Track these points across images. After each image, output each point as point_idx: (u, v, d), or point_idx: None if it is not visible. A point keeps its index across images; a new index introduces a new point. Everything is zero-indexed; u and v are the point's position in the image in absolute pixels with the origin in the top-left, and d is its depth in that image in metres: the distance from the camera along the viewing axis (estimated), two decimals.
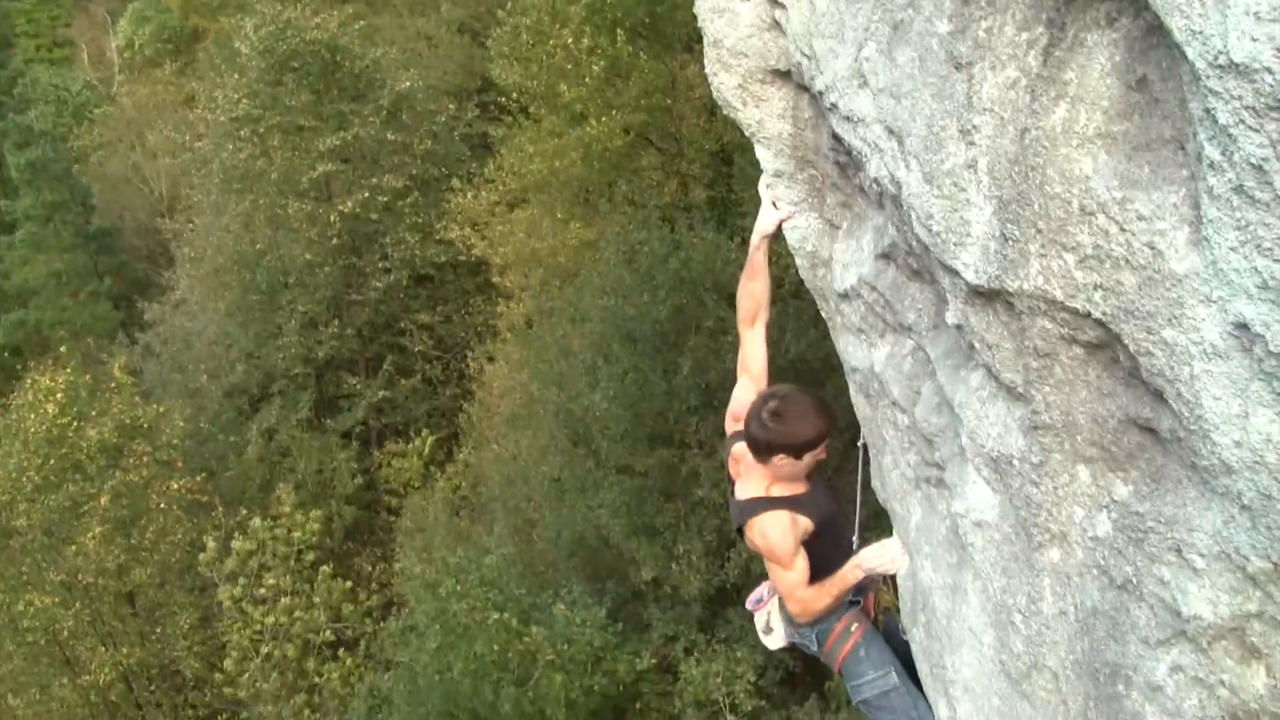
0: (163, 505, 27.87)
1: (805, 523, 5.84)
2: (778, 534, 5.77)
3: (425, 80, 35.43)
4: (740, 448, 6.03)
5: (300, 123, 31.90)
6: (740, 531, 6.03)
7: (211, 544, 26.75)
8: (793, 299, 19.52)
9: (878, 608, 6.34)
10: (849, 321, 5.65)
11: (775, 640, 6.47)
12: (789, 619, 6.26)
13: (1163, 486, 3.49)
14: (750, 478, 5.93)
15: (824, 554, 5.94)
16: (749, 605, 6.56)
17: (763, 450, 5.72)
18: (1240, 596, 3.27)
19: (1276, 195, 2.72)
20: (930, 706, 5.98)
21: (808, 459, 5.74)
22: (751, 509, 5.85)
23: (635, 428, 20.63)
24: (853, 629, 6.19)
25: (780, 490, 5.83)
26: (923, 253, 4.38)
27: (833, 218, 5.68)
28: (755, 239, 6.19)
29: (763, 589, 6.53)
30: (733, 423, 6.21)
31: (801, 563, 5.84)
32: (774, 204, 6.05)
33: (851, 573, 5.86)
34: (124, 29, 58.16)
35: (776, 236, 6.17)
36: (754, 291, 6.30)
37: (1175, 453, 3.39)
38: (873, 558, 5.77)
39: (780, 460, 5.72)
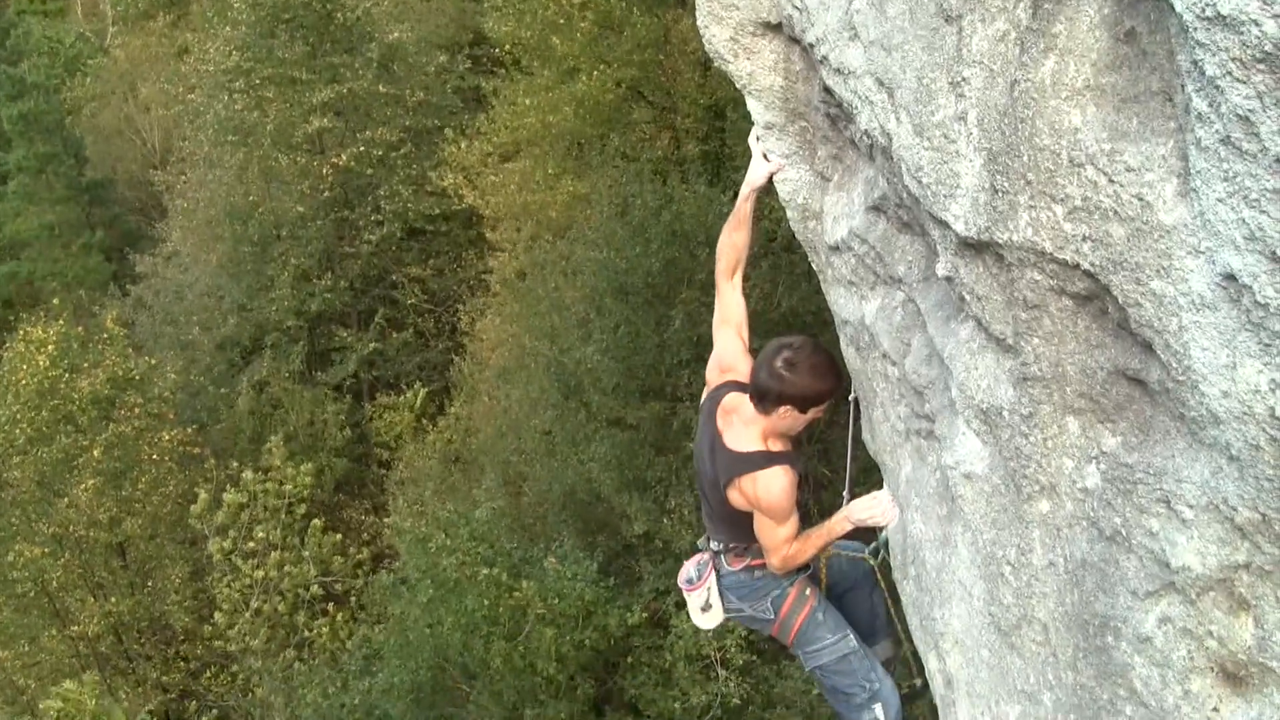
0: (154, 457, 27.84)
1: (796, 480, 5.77)
2: (780, 490, 5.67)
3: (417, 33, 35.25)
4: (734, 399, 5.90)
5: (293, 75, 31.73)
6: (723, 486, 5.87)
7: (203, 496, 26.78)
8: (785, 253, 19.49)
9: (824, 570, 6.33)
10: (840, 274, 5.65)
11: (712, 619, 6.39)
12: (744, 587, 6.23)
13: (1151, 438, 3.50)
14: (745, 430, 5.79)
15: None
16: (681, 585, 6.43)
17: (769, 400, 5.58)
18: (1228, 547, 3.28)
19: (1263, 147, 2.72)
20: (886, 671, 6.04)
21: (811, 414, 5.65)
22: (752, 461, 5.72)
23: (627, 381, 20.61)
24: (807, 593, 6.21)
25: (776, 445, 5.74)
26: (913, 205, 4.38)
27: (824, 170, 5.67)
28: (745, 190, 6.11)
29: (690, 568, 6.40)
30: (719, 373, 6.09)
31: (795, 518, 5.80)
32: (765, 156, 6.02)
33: (840, 524, 5.86)
34: None
35: (767, 190, 6.14)
36: (737, 243, 6.17)
37: (1164, 404, 3.40)
38: (863, 510, 5.77)
39: (784, 412, 5.59)
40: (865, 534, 6.07)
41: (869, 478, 6.51)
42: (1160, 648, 3.58)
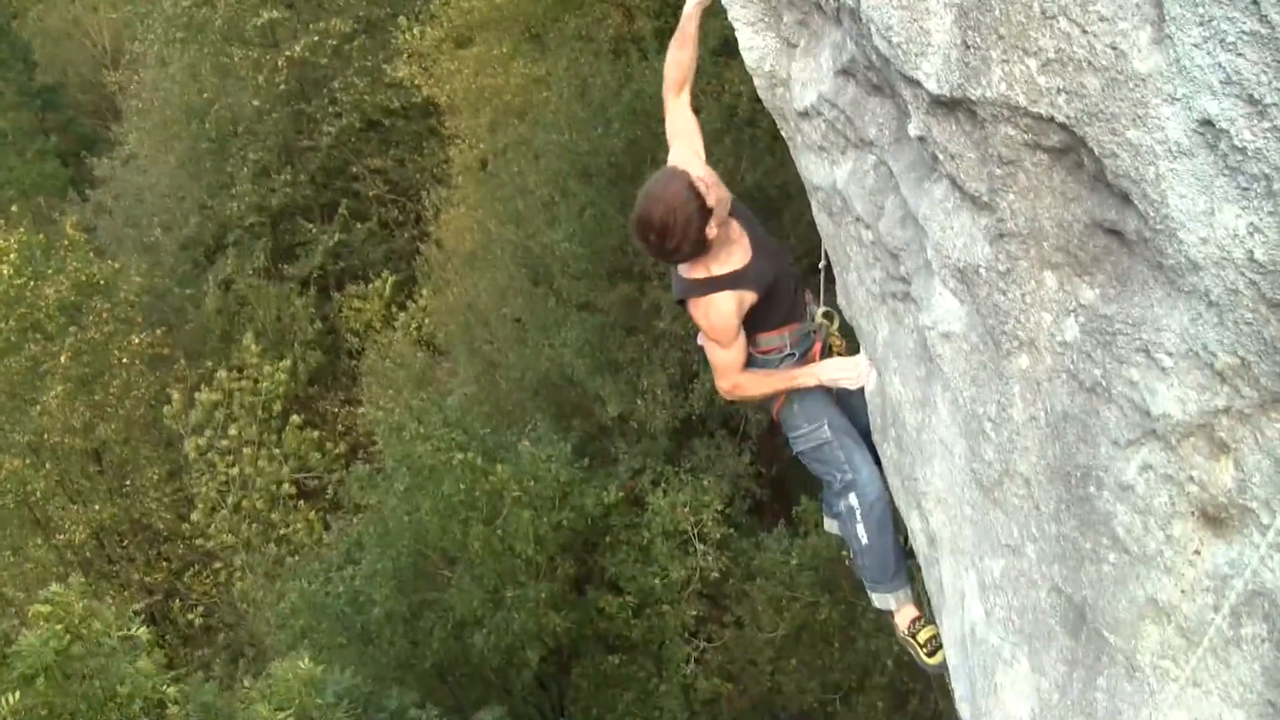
0: (124, 361, 27.71)
1: (750, 297, 5.80)
2: (721, 316, 5.76)
3: None
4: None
5: None
6: (682, 303, 5.99)
7: (177, 396, 26.74)
8: (748, 127, 19.39)
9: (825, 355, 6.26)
10: (809, 140, 5.62)
11: None
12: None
13: (1129, 288, 3.52)
14: (712, 258, 5.79)
15: (766, 312, 5.96)
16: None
17: (702, 246, 5.59)
18: (1208, 393, 3.31)
19: None
20: (869, 460, 6.06)
21: (711, 200, 5.53)
22: (695, 288, 5.80)
23: (595, 264, 20.56)
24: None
25: (722, 267, 5.76)
26: (883, 66, 4.35)
27: (790, 36, 5.61)
28: (688, 7, 6.13)
29: None
30: None
31: (740, 343, 5.86)
32: None
33: (805, 377, 5.96)
34: None
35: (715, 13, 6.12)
36: (682, 60, 6.17)
37: (1141, 254, 3.41)
38: (833, 369, 5.87)
39: (711, 230, 5.56)
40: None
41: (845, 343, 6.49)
42: (1142, 495, 3.63)
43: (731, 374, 5.93)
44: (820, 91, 5.25)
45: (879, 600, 6.39)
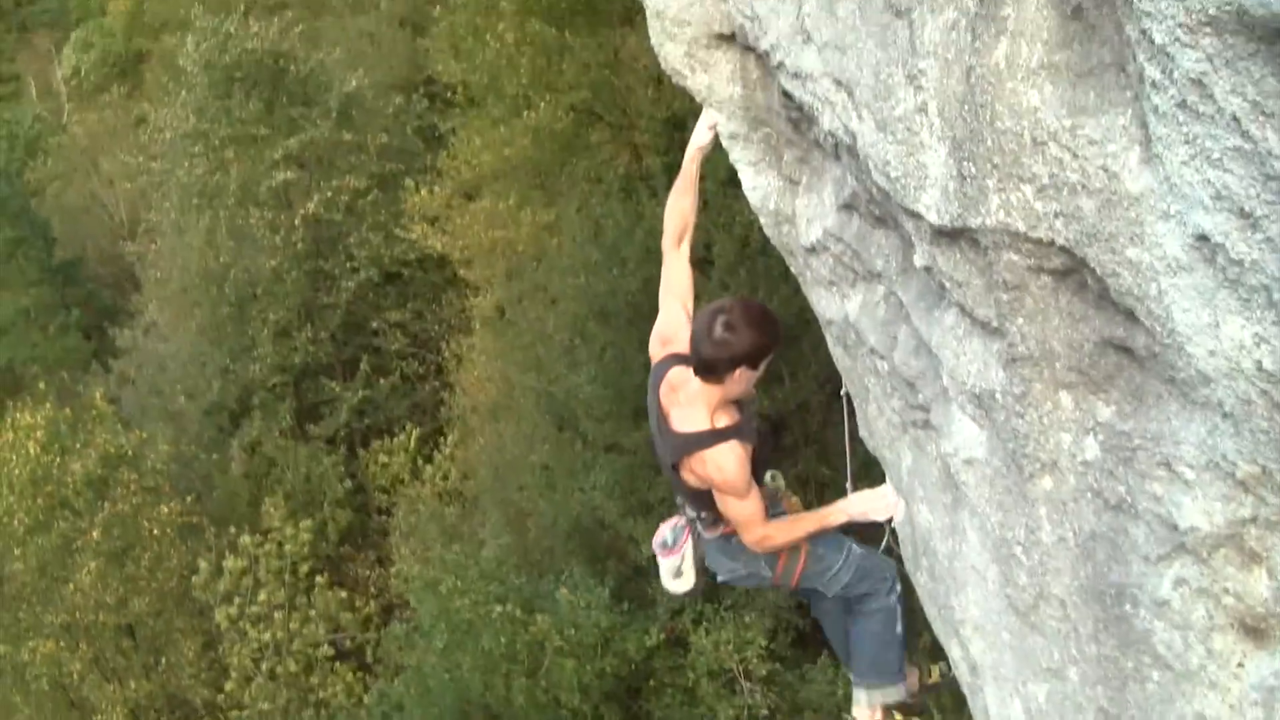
0: (155, 532, 27.67)
1: (749, 451, 5.57)
2: (734, 466, 5.45)
3: (372, 78, 35.23)
4: (678, 374, 5.66)
5: (252, 132, 31.70)
6: (674, 467, 5.67)
7: (204, 565, 26.64)
8: (761, 257, 19.51)
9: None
10: (819, 275, 5.67)
11: (683, 584, 6.20)
12: (730, 549, 5.99)
13: (1145, 404, 3.53)
14: (691, 407, 5.54)
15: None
16: (656, 550, 6.25)
17: (722, 367, 5.32)
18: (1233, 503, 3.30)
19: (1219, 107, 2.76)
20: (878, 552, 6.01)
21: (762, 369, 5.42)
22: (700, 441, 5.49)
23: (619, 405, 20.57)
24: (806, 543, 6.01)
25: (723, 419, 5.51)
26: (884, 199, 4.41)
27: (791, 174, 5.70)
28: (690, 151, 6.06)
29: (665, 532, 6.24)
30: (661, 345, 5.90)
31: (756, 492, 5.61)
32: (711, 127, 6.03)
33: (835, 515, 5.76)
34: (68, 58, 57.85)
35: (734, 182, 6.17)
36: (683, 208, 6.03)
37: (1153, 369, 3.43)
38: (862, 503, 5.70)
39: (739, 375, 5.34)
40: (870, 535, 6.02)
41: (870, 472, 6.46)
42: (1179, 610, 3.60)
43: (758, 524, 5.60)
44: (825, 227, 5.32)
45: (891, 694, 6.31)
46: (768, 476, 6.12)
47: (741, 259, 19.65)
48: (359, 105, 33.71)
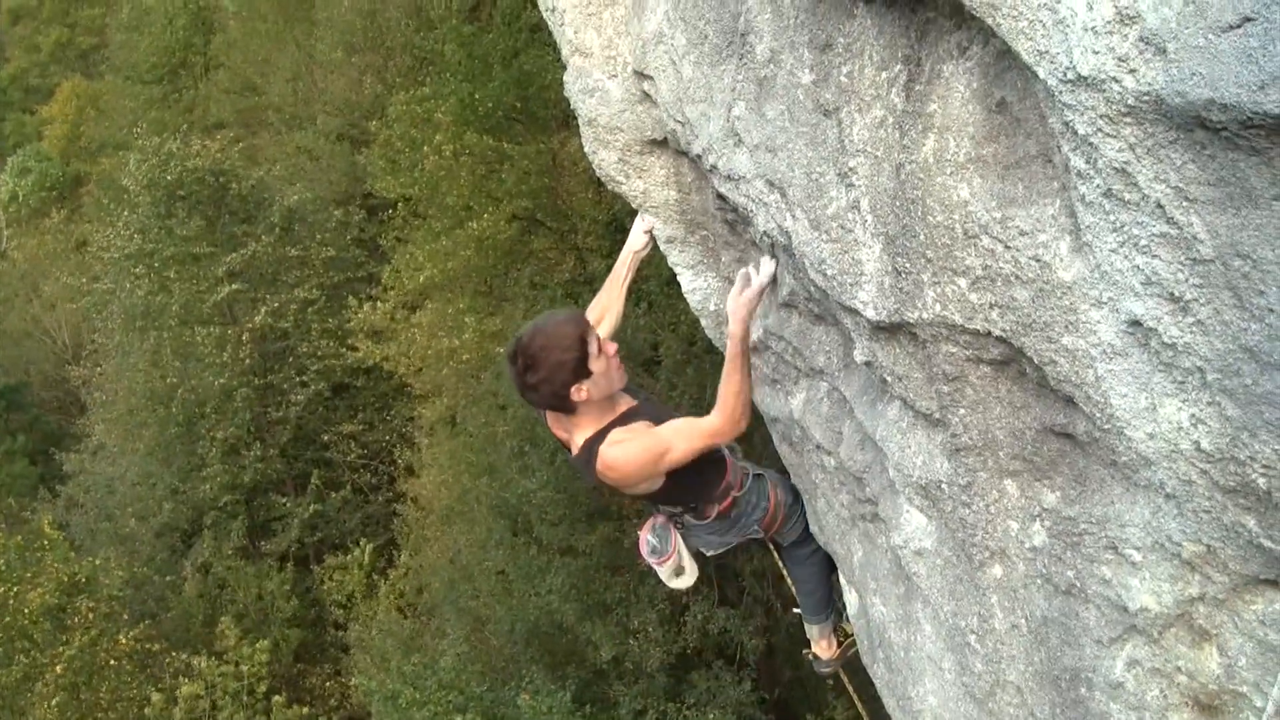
0: (112, 662, 27.11)
1: (642, 425, 5.39)
2: (630, 446, 5.27)
3: (313, 192, 35.31)
4: (554, 415, 5.56)
5: (194, 251, 31.66)
6: (598, 489, 5.57)
7: (156, 697, 26.10)
8: (707, 354, 19.60)
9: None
10: (762, 373, 5.70)
11: (688, 579, 6.12)
12: (721, 527, 5.97)
13: (1088, 488, 3.56)
14: (578, 429, 5.40)
15: (698, 478, 5.61)
16: (649, 560, 6.06)
17: (559, 398, 5.21)
18: (1181, 583, 3.33)
19: (1144, 195, 2.81)
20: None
21: (597, 368, 5.20)
22: (590, 450, 5.32)
23: (572, 508, 20.53)
24: (779, 494, 6.10)
25: (610, 417, 5.36)
26: (822, 297, 4.45)
27: (730, 275, 5.73)
28: (624, 255, 6.06)
29: (649, 538, 6.04)
30: None
31: (670, 422, 5.39)
32: (647, 231, 6.06)
33: (736, 327, 5.18)
34: (5, 183, 57.66)
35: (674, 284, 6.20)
36: (604, 303, 6.04)
37: (1094, 453, 3.46)
38: (737, 294, 5.21)
39: (579, 390, 5.17)
40: None
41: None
42: (1133, 691, 3.61)
43: (720, 427, 5.23)
44: (766, 325, 5.35)
45: (821, 630, 6.87)
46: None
47: (689, 357, 19.74)
48: (300, 220, 33.75)
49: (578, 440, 5.41)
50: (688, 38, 5.09)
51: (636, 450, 5.26)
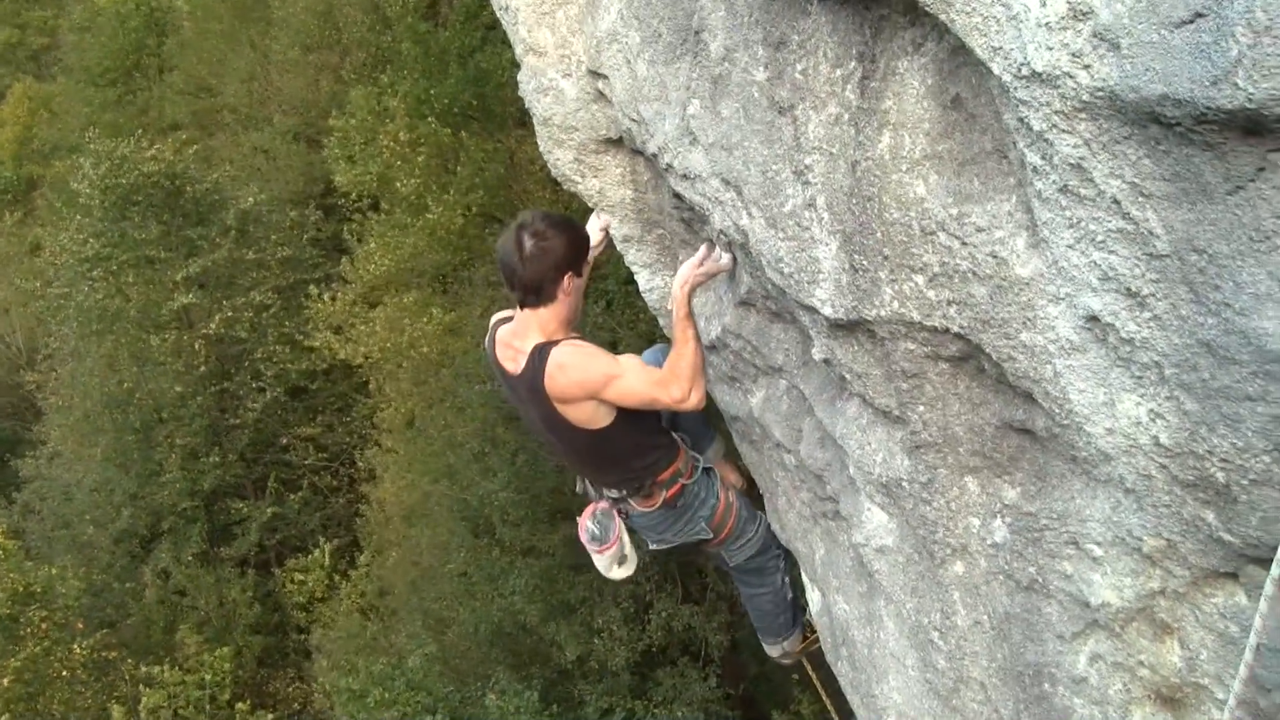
0: (64, 673, 26.74)
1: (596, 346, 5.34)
2: (582, 355, 5.17)
3: (269, 193, 35.08)
4: (505, 331, 5.45)
5: (150, 254, 31.41)
6: (550, 415, 5.28)
7: (117, 711, 25.79)
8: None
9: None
10: (720, 372, 5.68)
11: (627, 569, 6.06)
12: (663, 523, 5.91)
13: (1049, 484, 3.55)
14: (538, 329, 5.23)
15: (637, 428, 5.49)
16: (590, 547, 5.94)
17: (547, 280, 5.07)
18: (1141, 577, 3.33)
19: (1099, 190, 2.80)
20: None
21: (586, 272, 5.26)
22: (541, 354, 5.18)
23: (534, 508, 20.48)
24: (731, 498, 6.07)
25: (563, 335, 5.26)
26: (779, 295, 4.43)
27: None
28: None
29: (589, 525, 5.90)
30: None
31: (626, 356, 5.32)
32: (603, 229, 6.04)
33: (677, 290, 5.16)
34: None
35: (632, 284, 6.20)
36: None
37: (1054, 449, 3.45)
38: (689, 269, 5.17)
39: (568, 283, 5.11)
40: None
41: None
42: (1096, 685, 3.61)
43: (672, 382, 5.10)
44: (724, 324, 5.33)
45: (790, 644, 6.90)
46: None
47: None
48: (257, 221, 33.54)
49: (527, 347, 5.24)
50: (642, 36, 5.07)
51: (589, 356, 5.19)
